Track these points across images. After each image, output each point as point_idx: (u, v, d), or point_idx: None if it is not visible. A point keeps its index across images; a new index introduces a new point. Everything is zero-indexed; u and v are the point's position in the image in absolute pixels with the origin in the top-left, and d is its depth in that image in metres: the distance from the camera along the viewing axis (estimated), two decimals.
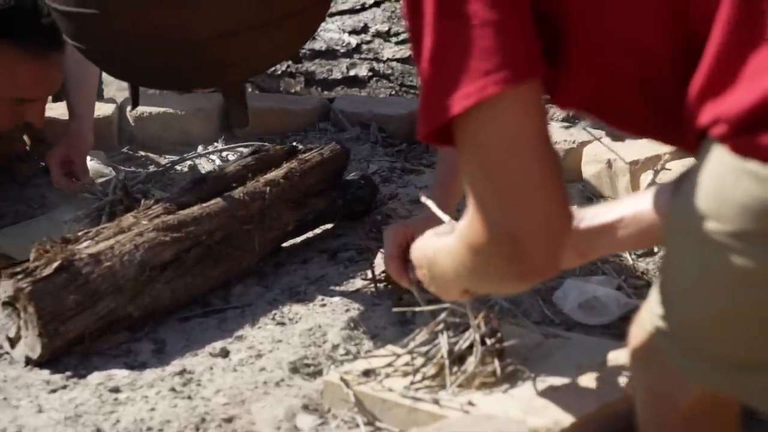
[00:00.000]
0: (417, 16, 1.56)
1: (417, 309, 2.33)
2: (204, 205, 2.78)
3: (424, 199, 2.33)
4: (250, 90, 4.49)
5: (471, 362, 2.15)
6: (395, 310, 2.53)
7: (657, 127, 1.60)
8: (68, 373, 2.44)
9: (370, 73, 4.85)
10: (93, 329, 2.54)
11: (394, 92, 4.67)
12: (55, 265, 2.50)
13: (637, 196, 2.05)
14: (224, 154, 3.68)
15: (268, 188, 2.86)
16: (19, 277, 2.49)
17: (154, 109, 3.88)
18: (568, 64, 1.57)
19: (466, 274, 1.69)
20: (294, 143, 3.18)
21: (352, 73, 4.88)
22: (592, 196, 3.26)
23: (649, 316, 1.60)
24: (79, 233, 2.68)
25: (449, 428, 1.87)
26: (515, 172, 1.53)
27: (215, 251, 2.75)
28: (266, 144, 3.20)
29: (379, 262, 2.82)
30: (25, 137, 3.67)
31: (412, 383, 2.16)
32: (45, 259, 2.53)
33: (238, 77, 2.59)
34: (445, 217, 2.17)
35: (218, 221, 2.76)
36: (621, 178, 3.16)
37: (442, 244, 1.83)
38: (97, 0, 2.41)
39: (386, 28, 5.08)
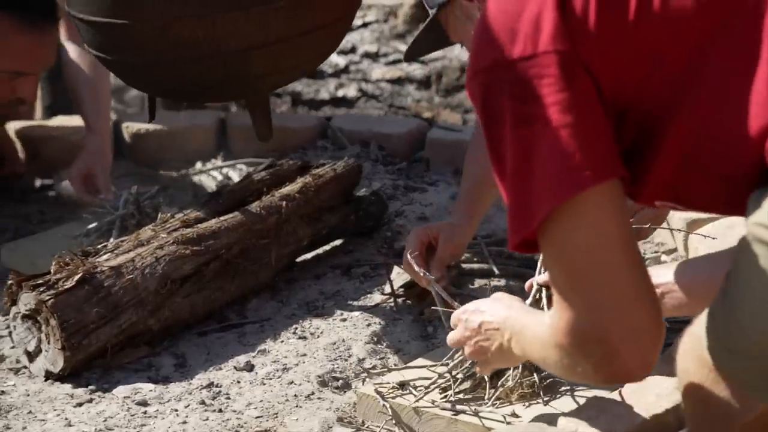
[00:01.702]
0: (494, 126, 1.58)
1: (446, 309, 2.33)
2: (222, 218, 2.76)
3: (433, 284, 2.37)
4: (234, 110, 4.48)
5: (510, 375, 2.15)
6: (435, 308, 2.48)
7: (725, 203, 1.61)
8: (91, 387, 2.42)
9: (359, 94, 4.87)
10: (114, 343, 2.51)
11: (383, 112, 4.69)
12: (77, 277, 2.48)
13: (665, 267, 2.09)
14: (224, 170, 3.66)
15: (284, 203, 2.85)
16: (41, 289, 2.46)
17: (151, 126, 3.86)
18: (653, 160, 1.58)
19: (553, 367, 1.69)
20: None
21: (340, 93, 4.90)
22: None
23: (706, 334, 1.60)
24: (98, 246, 2.65)
25: None
26: (601, 276, 1.55)
27: (233, 265, 2.73)
28: (264, 160, 3.18)
29: (396, 277, 2.83)
30: (21, 153, 3.65)
31: (449, 395, 2.15)
32: (66, 271, 2.51)
33: (263, 90, 2.58)
34: (453, 303, 2.17)
35: (236, 235, 2.74)
36: None
37: (531, 329, 1.78)
38: (128, 10, 2.39)
39: (375, 49, 5.12)
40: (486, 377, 2.15)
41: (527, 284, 2.19)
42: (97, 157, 3.27)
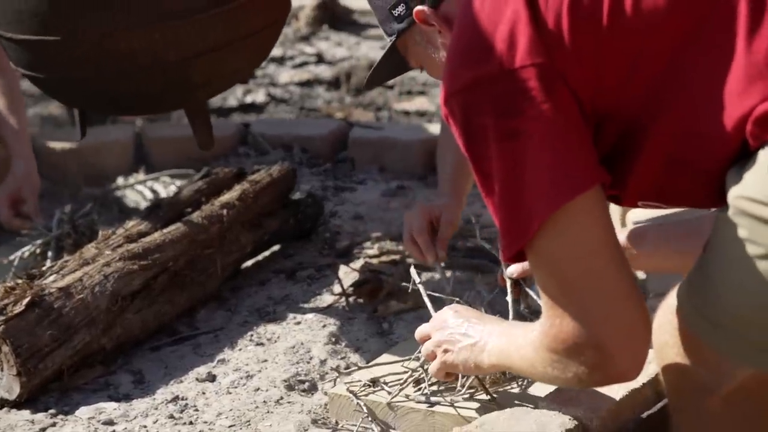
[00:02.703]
0: (478, 144, 1.60)
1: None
2: (165, 231, 2.73)
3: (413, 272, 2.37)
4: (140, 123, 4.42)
5: None
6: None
7: (707, 196, 1.64)
8: (51, 411, 2.37)
9: (268, 99, 4.84)
10: (69, 364, 2.47)
11: (294, 116, 4.67)
12: (26, 301, 2.43)
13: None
14: (148, 183, 3.61)
15: (224, 211, 2.83)
16: None
17: (67, 144, 3.78)
18: (635, 162, 1.62)
19: (541, 373, 1.72)
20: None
21: (248, 99, 4.87)
22: None
23: (684, 307, 1.64)
24: (43, 268, 2.60)
25: (491, 425, 1.88)
26: (592, 282, 1.59)
27: (180, 277, 2.71)
28: (188, 170, 3.10)
29: (345, 277, 2.83)
30: None
31: (423, 389, 2.16)
32: (13, 296, 2.45)
33: (203, 98, 2.56)
34: (433, 312, 2.18)
35: (181, 246, 2.71)
36: None
37: (517, 338, 1.81)
38: (60, 26, 2.34)
39: (280, 53, 5.09)
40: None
41: (499, 279, 2.21)
42: (24, 181, 3.20)
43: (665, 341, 1.72)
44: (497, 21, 1.58)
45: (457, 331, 1.97)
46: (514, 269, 2.17)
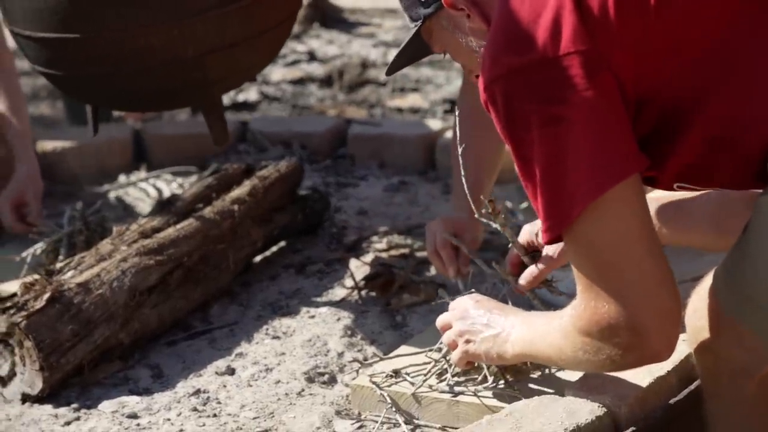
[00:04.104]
0: (519, 130, 1.63)
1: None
2: (179, 226, 2.75)
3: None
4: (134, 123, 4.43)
5: None
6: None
7: (743, 178, 1.69)
8: (74, 405, 2.38)
9: (260, 97, 4.87)
10: (89, 359, 2.49)
11: (287, 114, 4.70)
12: (46, 296, 2.44)
13: None
14: (150, 181, 3.63)
15: (236, 206, 2.86)
16: (12, 312, 2.41)
17: (68, 143, 3.79)
18: (678, 144, 1.65)
19: (571, 358, 1.76)
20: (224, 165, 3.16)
21: (241, 97, 4.89)
22: None
23: (722, 290, 1.68)
24: (60, 264, 2.62)
25: (520, 413, 1.92)
26: (630, 266, 1.63)
27: (195, 272, 2.73)
28: (190, 168, 3.09)
29: (356, 270, 2.86)
30: None
31: (447, 379, 2.19)
32: (33, 292, 2.47)
33: (219, 94, 2.58)
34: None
35: (195, 242, 2.74)
36: None
37: (543, 325, 1.86)
38: (81, 24, 2.36)
39: None
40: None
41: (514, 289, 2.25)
42: (27, 185, 3.20)
43: (701, 326, 1.75)
44: (540, 9, 1.61)
45: (479, 321, 2.01)
46: (524, 281, 2.21)
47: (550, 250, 2.20)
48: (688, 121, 1.63)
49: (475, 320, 2.02)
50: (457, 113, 2.50)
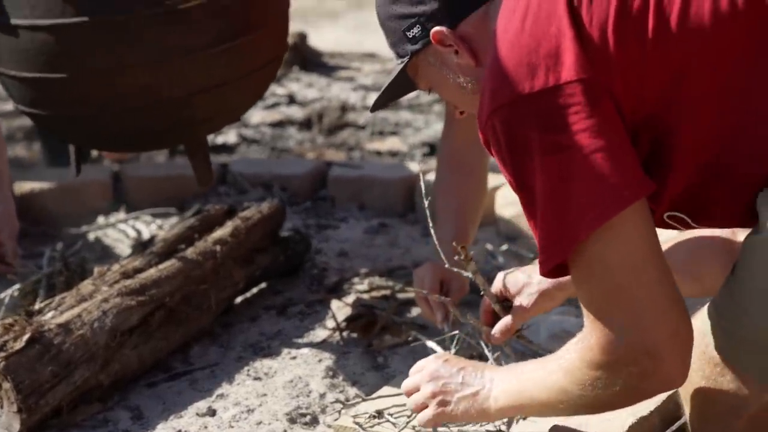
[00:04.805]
0: (521, 159, 1.63)
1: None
2: (161, 267, 2.74)
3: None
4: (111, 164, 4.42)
5: None
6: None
7: (741, 213, 1.68)
8: None
9: (239, 140, 4.87)
10: (68, 400, 2.47)
11: (265, 156, 4.70)
12: (26, 337, 2.42)
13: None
14: (129, 222, 3.62)
15: (218, 247, 2.85)
16: None
17: (46, 185, 3.78)
18: (670, 168, 1.65)
19: (577, 398, 1.70)
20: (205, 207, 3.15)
21: (219, 140, 4.89)
22: (509, 237, 3.37)
23: (712, 330, 1.68)
24: (40, 305, 2.60)
25: None
26: (642, 291, 1.61)
27: (176, 313, 2.72)
28: (169, 209, 3.07)
29: (337, 311, 2.85)
30: None
31: None
32: (13, 332, 2.45)
33: (204, 134, 2.59)
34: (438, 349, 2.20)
35: (176, 282, 2.73)
36: None
37: (537, 371, 1.80)
38: (67, 64, 2.36)
39: None
40: None
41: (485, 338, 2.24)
42: (3, 225, 3.17)
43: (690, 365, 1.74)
44: (540, 38, 1.62)
45: (454, 381, 1.93)
46: (497, 332, 2.20)
47: (523, 299, 2.20)
48: (682, 149, 1.63)
49: (449, 380, 1.93)
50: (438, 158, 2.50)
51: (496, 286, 2.24)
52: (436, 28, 1.80)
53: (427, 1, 1.81)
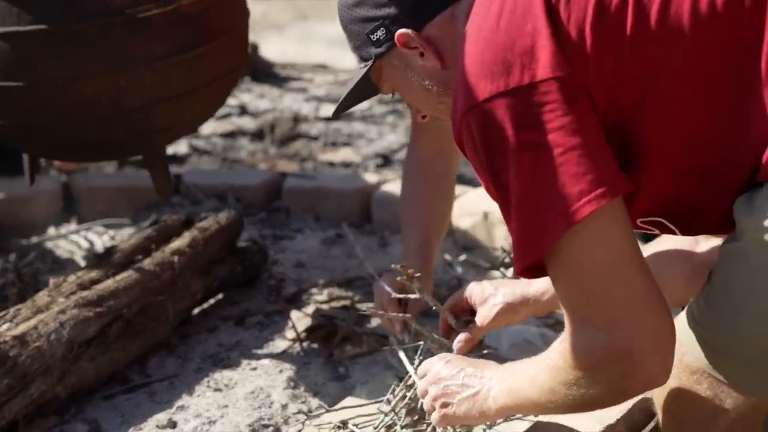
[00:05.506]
0: (495, 157, 1.60)
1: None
2: (118, 278, 2.71)
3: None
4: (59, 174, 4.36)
5: None
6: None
7: (725, 218, 1.65)
8: None
9: (190, 150, 4.83)
10: (24, 414, 2.42)
11: (217, 167, 4.67)
12: None
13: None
14: (81, 233, 3.57)
15: (175, 258, 2.82)
16: None
17: None
18: (642, 171, 1.63)
19: (562, 397, 1.68)
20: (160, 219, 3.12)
21: (170, 150, 4.85)
22: (467, 247, 3.37)
23: (688, 336, 1.67)
24: None
25: None
26: (621, 290, 1.59)
27: (134, 324, 2.68)
28: (122, 220, 3.05)
29: (297, 322, 2.83)
30: None
31: (396, 431, 2.17)
32: None
33: (163, 144, 2.56)
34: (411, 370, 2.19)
35: (134, 293, 2.69)
36: (499, 227, 3.29)
37: (525, 372, 1.78)
38: (24, 72, 2.32)
39: None
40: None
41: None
42: None
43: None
44: (516, 36, 1.60)
45: (454, 382, 1.91)
46: (458, 345, 2.19)
47: (485, 310, 2.19)
48: (654, 150, 1.62)
49: (449, 382, 1.92)
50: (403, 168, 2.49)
51: (454, 300, 2.25)
52: (401, 31, 1.77)
53: (391, 3, 1.78)
